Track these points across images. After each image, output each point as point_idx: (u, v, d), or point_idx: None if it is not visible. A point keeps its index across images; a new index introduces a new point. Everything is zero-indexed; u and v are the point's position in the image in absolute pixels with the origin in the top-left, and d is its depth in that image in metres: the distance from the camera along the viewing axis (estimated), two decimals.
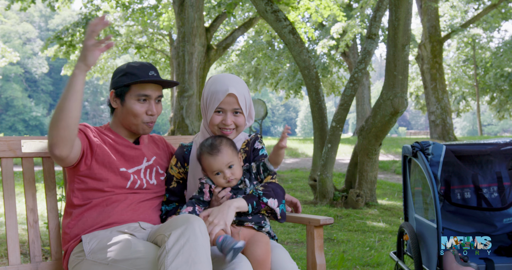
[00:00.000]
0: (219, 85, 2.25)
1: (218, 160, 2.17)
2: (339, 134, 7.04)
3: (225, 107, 2.25)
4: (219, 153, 2.18)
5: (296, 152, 16.51)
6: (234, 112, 2.26)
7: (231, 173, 2.19)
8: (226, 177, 2.18)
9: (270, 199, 2.17)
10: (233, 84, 2.26)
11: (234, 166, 2.20)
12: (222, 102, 2.24)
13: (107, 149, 2.25)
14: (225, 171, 2.18)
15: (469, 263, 2.55)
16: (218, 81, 2.28)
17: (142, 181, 2.28)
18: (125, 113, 2.29)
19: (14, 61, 16.86)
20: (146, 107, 2.28)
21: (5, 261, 3.95)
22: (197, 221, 1.92)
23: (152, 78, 2.27)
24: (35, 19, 56.03)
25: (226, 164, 2.18)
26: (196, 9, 11.50)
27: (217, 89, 2.25)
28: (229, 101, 2.24)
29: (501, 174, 2.95)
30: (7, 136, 2.30)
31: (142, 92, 2.26)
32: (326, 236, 5.09)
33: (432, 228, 2.72)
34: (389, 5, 6.05)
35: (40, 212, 5.67)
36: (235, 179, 2.20)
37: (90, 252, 2.06)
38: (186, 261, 1.83)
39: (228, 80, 2.27)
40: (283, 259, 2.09)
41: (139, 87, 2.27)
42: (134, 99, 2.27)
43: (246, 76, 22.88)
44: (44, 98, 51.90)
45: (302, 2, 12.54)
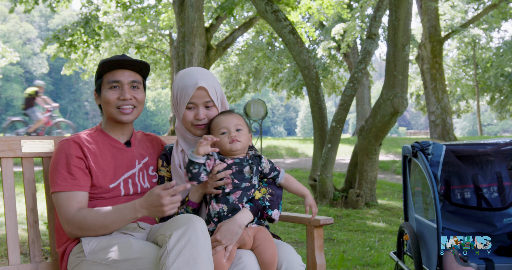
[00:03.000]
0: (187, 80, 2.21)
1: (228, 118, 2.18)
2: (339, 134, 7.04)
3: (196, 101, 2.21)
4: (231, 114, 2.21)
5: (296, 152, 16.51)
6: (206, 105, 2.22)
7: (237, 135, 2.16)
8: (232, 135, 2.15)
9: (274, 210, 2.18)
10: (202, 77, 2.21)
11: (242, 131, 2.18)
12: (193, 96, 2.20)
13: (102, 159, 2.22)
14: (232, 130, 2.17)
15: (469, 263, 2.55)
16: (187, 75, 2.23)
17: (136, 186, 2.27)
18: (103, 105, 2.28)
19: (14, 61, 16.87)
20: (119, 93, 2.24)
21: (5, 261, 3.95)
22: (198, 221, 1.91)
23: (114, 58, 2.24)
24: (35, 19, 56.02)
25: (235, 124, 2.18)
26: (196, 9, 11.49)
27: (186, 84, 2.21)
28: (200, 94, 2.20)
29: (501, 174, 2.95)
30: (7, 136, 2.30)
31: (111, 79, 2.24)
32: (326, 236, 5.09)
33: (432, 228, 2.72)
34: (389, 5, 6.05)
35: (40, 212, 5.67)
36: (240, 142, 2.16)
37: (90, 253, 2.06)
38: (187, 261, 1.82)
39: (197, 73, 2.23)
40: (289, 254, 2.11)
41: (109, 75, 2.26)
42: (107, 88, 2.25)
43: (246, 76, 22.88)
44: None
45: (303, 2, 12.53)
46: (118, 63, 2.24)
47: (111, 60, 2.23)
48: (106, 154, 2.25)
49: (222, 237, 2.04)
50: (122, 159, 2.28)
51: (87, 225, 2.05)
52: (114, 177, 2.23)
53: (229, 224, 2.07)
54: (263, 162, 2.23)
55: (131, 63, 2.25)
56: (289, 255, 2.10)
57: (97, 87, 2.31)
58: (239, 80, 22.72)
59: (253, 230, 2.14)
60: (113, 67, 2.25)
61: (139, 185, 2.28)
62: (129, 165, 2.28)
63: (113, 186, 2.21)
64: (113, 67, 2.25)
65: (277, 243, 2.16)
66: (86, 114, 54.25)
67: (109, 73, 2.26)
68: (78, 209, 2.09)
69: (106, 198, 2.20)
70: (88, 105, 54.11)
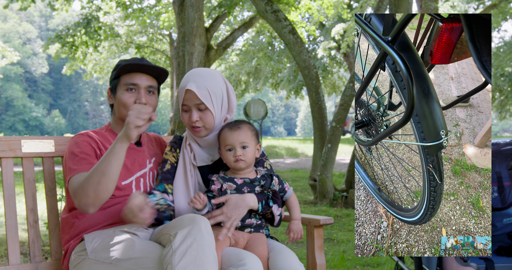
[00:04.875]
0: (182, 82, 2.22)
1: (234, 135, 2.16)
2: (339, 134, 7.04)
3: (188, 104, 2.19)
4: (238, 129, 2.17)
5: (296, 152, 16.50)
6: (199, 108, 2.19)
7: (242, 153, 2.15)
8: (236, 155, 2.15)
9: (275, 205, 2.19)
10: (195, 79, 2.19)
11: (247, 149, 2.17)
12: (184, 99, 2.19)
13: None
14: (237, 148, 2.16)
15: (469, 263, 2.55)
16: (184, 78, 2.24)
17: (147, 185, 2.28)
18: (117, 106, 2.29)
19: (15, 60, 16.87)
20: (135, 97, 2.25)
21: (5, 261, 3.95)
22: (202, 220, 1.92)
23: (135, 61, 2.25)
24: (35, 19, 56.03)
25: (241, 142, 2.16)
26: (196, 9, 11.49)
27: (180, 86, 2.22)
28: (190, 97, 2.18)
29: (501, 174, 2.95)
30: (7, 136, 2.30)
31: (129, 81, 2.25)
32: (326, 236, 5.09)
33: None
34: (389, 5, 6.05)
35: (40, 212, 5.67)
36: (244, 161, 2.16)
37: (93, 251, 2.06)
38: (194, 260, 1.83)
39: (192, 75, 2.21)
40: (292, 262, 2.08)
41: (127, 77, 2.26)
42: (123, 89, 2.26)
43: (246, 76, 22.89)
44: (44, 98, 51.88)
45: (303, 2, 12.53)
46: (138, 66, 2.25)
47: (131, 63, 2.23)
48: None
49: (229, 210, 2.07)
50: (134, 158, 2.29)
51: (88, 182, 1.99)
52: (127, 175, 2.24)
53: (237, 200, 2.10)
54: (273, 185, 2.23)
55: (151, 69, 2.27)
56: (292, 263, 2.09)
57: (112, 87, 2.31)
58: (239, 80, 22.72)
59: (250, 235, 2.17)
60: (132, 69, 2.26)
61: (149, 184, 2.29)
62: (141, 164, 2.30)
63: (125, 183, 2.22)
64: (134, 70, 2.26)
65: (279, 249, 2.15)
66: (86, 114, 54.25)
67: (127, 75, 2.27)
68: None
69: (117, 196, 2.20)
70: (88, 105, 54.11)
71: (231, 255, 2.01)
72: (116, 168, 1.98)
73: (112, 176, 1.98)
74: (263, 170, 2.25)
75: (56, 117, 51.30)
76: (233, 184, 2.16)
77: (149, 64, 2.26)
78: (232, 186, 2.16)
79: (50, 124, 50.63)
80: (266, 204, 2.17)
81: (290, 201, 2.29)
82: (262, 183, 2.19)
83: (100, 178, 1.97)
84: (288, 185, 2.29)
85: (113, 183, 1.99)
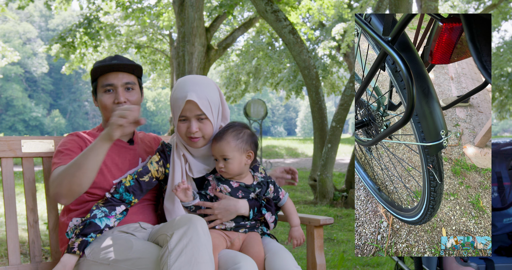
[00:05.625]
0: (179, 92, 2.10)
1: (216, 146, 2.11)
2: (339, 134, 7.04)
3: (187, 115, 2.10)
4: (220, 140, 2.11)
5: (296, 152, 16.51)
6: (198, 118, 2.11)
7: (224, 166, 2.11)
8: (219, 166, 2.12)
9: (268, 212, 2.19)
10: (194, 88, 2.09)
11: (229, 160, 2.11)
12: (183, 109, 2.09)
13: (105, 157, 2.23)
14: (219, 161, 2.12)
15: (469, 263, 2.55)
16: (179, 86, 2.12)
17: None
18: (101, 109, 2.29)
19: (15, 60, 16.88)
20: (113, 97, 2.24)
21: (5, 261, 3.95)
22: (199, 221, 1.92)
23: (107, 62, 2.23)
24: (35, 19, 56.02)
25: (221, 154, 2.10)
26: (196, 9, 11.49)
27: (177, 96, 2.10)
28: (190, 108, 2.09)
29: (501, 174, 2.95)
30: (7, 136, 2.30)
31: (105, 82, 2.24)
32: (326, 236, 5.09)
33: None
34: (389, 5, 6.05)
35: (40, 212, 5.67)
36: (226, 173, 2.13)
37: (91, 252, 2.06)
38: (189, 260, 1.83)
39: (189, 85, 2.11)
40: (288, 264, 2.08)
41: (103, 78, 2.25)
42: (102, 91, 2.26)
43: (246, 76, 22.89)
44: (44, 98, 51.90)
45: (303, 2, 12.53)
46: (109, 67, 2.23)
47: (102, 65, 2.22)
48: (108, 152, 2.25)
49: (218, 209, 2.10)
50: (125, 156, 2.28)
51: (64, 173, 1.99)
52: (117, 173, 2.23)
53: (228, 203, 2.12)
54: (268, 193, 2.22)
55: (122, 66, 2.25)
56: (288, 265, 2.08)
57: (93, 90, 2.32)
58: (239, 80, 22.73)
59: (245, 235, 2.17)
60: (106, 70, 2.25)
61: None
62: (132, 163, 2.29)
63: (116, 181, 2.22)
64: (106, 71, 2.24)
65: (275, 251, 2.15)
66: (86, 114, 54.26)
67: (103, 77, 2.26)
68: None
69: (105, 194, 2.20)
70: (88, 105, 54.11)
71: (227, 258, 2.01)
72: (93, 165, 1.97)
73: (88, 172, 1.97)
74: (260, 176, 2.23)
75: (56, 117, 51.31)
76: (228, 187, 2.15)
77: (119, 62, 2.24)
78: (227, 189, 2.15)
79: (50, 124, 50.64)
80: (259, 211, 2.18)
81: (287, 208, 2.27)
82: (257, 190, 2.18)
83: (76, 171, 1.97)
84: (283, 192, 2.26)
85: (88, 178, 1.98)
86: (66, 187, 1.99)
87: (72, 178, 1.97)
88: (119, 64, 2.23)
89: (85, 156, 1.97)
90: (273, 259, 2.09)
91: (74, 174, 1.97)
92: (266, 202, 2.22)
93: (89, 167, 1.97)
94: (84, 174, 1.97)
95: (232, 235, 2.15)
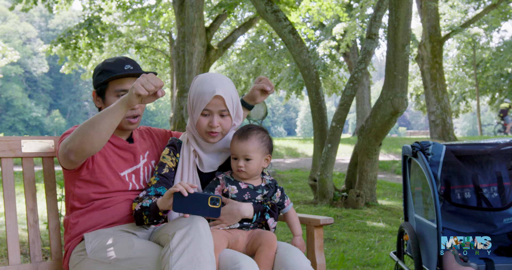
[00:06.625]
0: (205, 86, 2.16)
1: (240, 145, 2.15)
2: (339, 134, 7.04)
3: (211, 109, 2.17)
4: (245, 140, 2.16)
5: (296, 152, 16.52)
6: (221, 114, 2.19)
7: (244, 165, 2.15)
8: (238, 165, 2.15)
9: (271, 218, 2.21)
10: (220, 84, 2.17)
11: (251, 161, 2.15)
12: (209, 103, 2.15)
13: (107, 153, 2.25)
14: (240, 159, 2.16)
15: (469, 263, 2.55)
16: (205, 81, 2.18)
17: (139, 181, 2.29)
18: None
19: (15, 60, 16.89)
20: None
21: (5, 261, 3.95)
22: (201, 221, 1.92)
23: (127, 71, 2.25)
24: (35, 19, 56.03)
25: (244, 154, 2.14)
26: (196, 9, 11.50)
27: (203, 90, 2.16)
28: (216, 103, 2.16)
29: (501, 174, 2.95)
30: (7, 136, 2.30)
31: (119, 88, 2.25)
32: (326, 236, 5.09)
33: (432, 228, 2.72)
34: (389, 5, 6.05)
35: (40, 212, 5.67)
36: (245, 173, 2.16)
37: (92, 251, 2.06)
38: (191, 260, 1.83)
39: (215, 80, 2.18)
40: (300, 259, 2.09)
41: (116, 83, 2.26)
42: (114, 96, 2.26)
43: (246, 76, 22.89)
44: (44, 98, 51.89)
45: (303, 3, 12.54)
46: (127, 75, 2.25)
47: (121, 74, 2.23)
48: (108, 151, 2.26)
49: (222, 214, 2.11)
50: (126, 155, 2.30)
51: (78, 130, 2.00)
52: (118, 171, 2.24)
53: (231, 208, 2.13)
54: (275, 196, 2.24)
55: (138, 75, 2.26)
56: (299, 259, 2.09)
57: (99, 91, 2.30)
58: (239, 80, 22.73)
59: (248, 231, 2.18)
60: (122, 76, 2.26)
61: (143, 179, 2.30)
62: (133, 161, 2.30)
63: (123, 174, 2.23)
64: (120, 76, 2.25)
65: (287, 246, 2.16)
66: (86, 114, 54.24)
67: (117, 81, 2.26)
68: None
69: (110, 191, 2.20)
70: (88, 105, 54.11)
71: (227, 258, 2.01)
72: (107, 126, 1.97)
73: (100, 133, 1.97)
74: (268, 179, 2.25)
75: (56, 117, 51.31)
76: (236, 189, 2.17)
77: (137, 71, 2.25)
78: (235, 190, 2.17)
79: (50, 124, 50.63)
80: (262, 216, 2.19)
81: (290, 216, 2.30)
82: (265, 192, 2.20)
83: (90, 130, 1.97)
84: (288, 201, 2.29)
85: (99, 140, 1.99)
86: (78, 143, 1.99)
87: (84, 136, 1.98)
88: (138, 73, 2.25)
89: (101, 116, 1.98)
90: (286, 253, 2.10)
91: (88, 132, 1.97)
92: (271, 207, 2.23)
93: (103, 128, 1.97)
94: (97, 134, 1.97)
95: (235, 232, 2.15)
